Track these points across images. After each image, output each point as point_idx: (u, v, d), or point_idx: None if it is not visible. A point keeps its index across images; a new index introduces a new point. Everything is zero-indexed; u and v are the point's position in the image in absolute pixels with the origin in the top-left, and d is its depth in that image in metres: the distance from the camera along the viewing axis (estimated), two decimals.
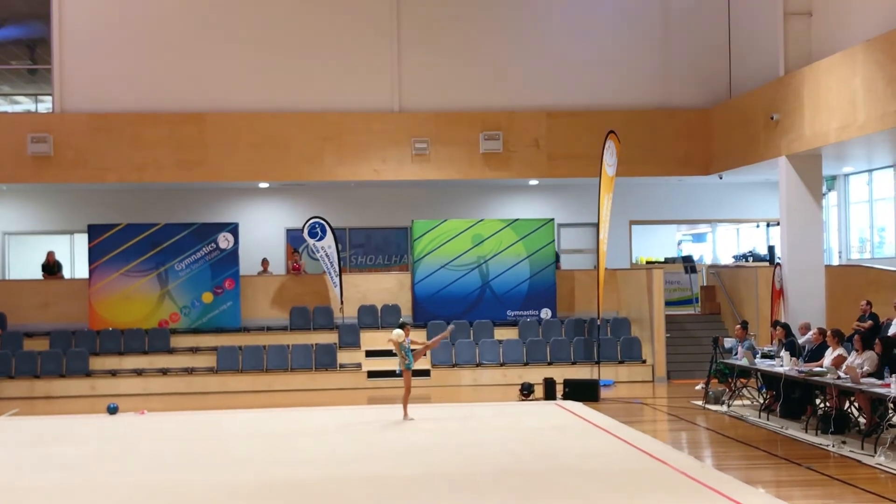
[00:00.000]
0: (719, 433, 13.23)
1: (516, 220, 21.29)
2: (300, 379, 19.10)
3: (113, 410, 15.52)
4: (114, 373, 19.04)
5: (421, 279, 20.74)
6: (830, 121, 16.62)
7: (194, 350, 19.68)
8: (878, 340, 12.47)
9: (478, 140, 21.10)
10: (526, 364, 19.46)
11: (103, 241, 20.05)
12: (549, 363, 19.40)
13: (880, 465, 10.65)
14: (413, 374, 14.59)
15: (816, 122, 17.07)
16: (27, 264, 22.30)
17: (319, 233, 20.33)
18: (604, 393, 17.09)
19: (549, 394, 16.71)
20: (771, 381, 14.33)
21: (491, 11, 21.85)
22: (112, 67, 21.09)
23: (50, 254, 21.45)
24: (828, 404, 12.97)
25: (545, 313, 20.69)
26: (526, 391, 16.81)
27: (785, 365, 13.65)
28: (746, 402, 15.43)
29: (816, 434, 12.46)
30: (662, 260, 24.42)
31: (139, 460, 11.70)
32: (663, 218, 24.51)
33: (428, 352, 18.81)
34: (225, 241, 20.33)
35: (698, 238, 28.41)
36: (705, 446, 12.80)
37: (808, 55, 18.19)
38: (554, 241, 21.26)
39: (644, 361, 19.57)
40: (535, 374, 18.32)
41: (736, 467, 10.78)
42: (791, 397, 13.62)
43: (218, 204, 22.98)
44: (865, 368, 12.17)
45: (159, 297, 20.16)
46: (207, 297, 20.24)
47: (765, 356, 15.12)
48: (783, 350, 14.22)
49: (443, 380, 19.31)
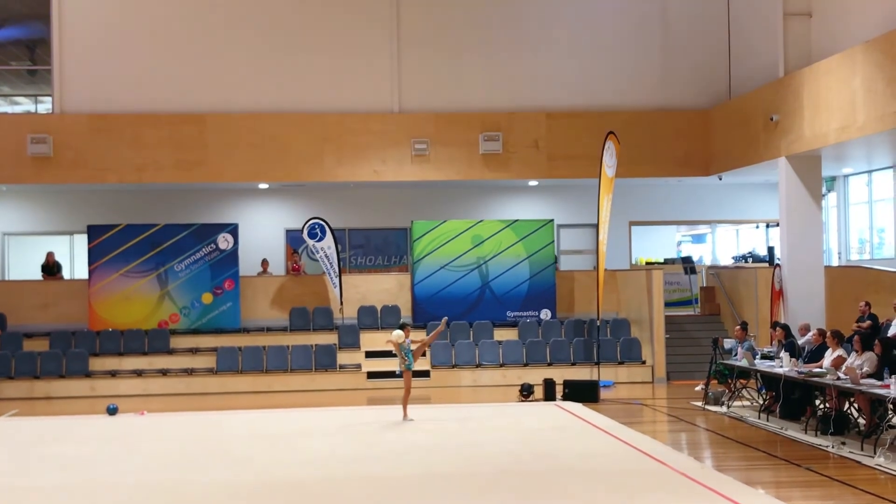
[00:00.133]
0: (719, 434, 13.23)
1: (516, 220, 21.29)
2: (300, 380, 19.11)
3: (113, 411, 15.51)
4: (113, 373, 19.05)
5: (420, 280, 20.75)
6: (830, 122, 16.63)
7: (194, 351, 19.69)
8: (877, 341, 12.47)
9: (477, 141, 21.11)
10: (525, 365, 19.46)
11: (103, 242, 20.05)
12: (549, 364, 19.40)
13: (880, 465, 10.65)
14: (413, 374, 14.58)
15: (816, 123, 17.07)
16: (27, 265, 22.30)
17: (319, 233, 20.34)
18: (603, 394, 17.09)
19: (549, 395, 16.72)
20: (770, 381, 14.33)
21: (491, 12, 21.87)
22: (112, 68, 21.11)
23: (50, 254, 21.45)
24: (827, 405, 12.96)
25: (545, 314, 20.69)
26: (526, 392, 16.80)
27: (784, 366, 13.65)
28: (746, 402, 15.43)
29: (816, 435, 12.46)
30: (662, 261, 24.42)
31: (139, 461, 11.69)
32: (663, 219, 24.51)
33: (428, 352, 18.91)
34: (225, 241, 20.34)
35: (698, 239, 28.42)
36: (705, 447, 12.80)
37: (808, 56, 18.20)
38: (554, 241, 21.26)
39: (644, 362, 19.57)
40: (535, 375, 18.32)
41: (735, 468, 10.78)
42: (791, 398, 13.62)
43: (218, 205, 22.99)
44: (865, 369, 12.17)
45: (159, 298, 20.16)
46: (207, 297, 20.24)
47: (764, 357, 15.11)
48: (783, 351, 14.22)
49: (442, 380, 19.32)
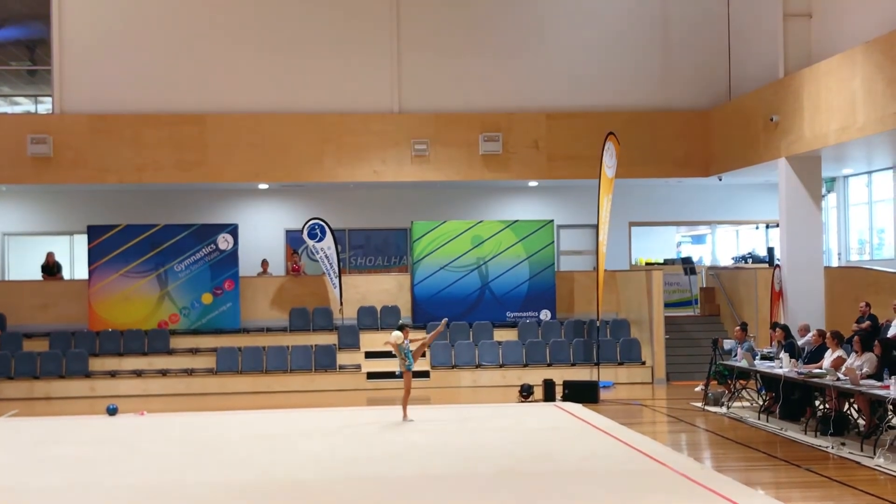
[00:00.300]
0: (718, 435, 13.23)
1: (516, 221, 21.29)
2: (299, 380, 19.10)
3: (112, 411, 15.51)
4: (113, 374, 19.05)
5: (420, 280, 20.74)
6: (830, 122, 16.63)
7: (194, 351, 19.68)
8: (877, 342, 12.47)
9: (477, 141, 21.11)
10: (525, 365, 19.46)
11: (103, 242, 20.05)
12: (549, 364, 19.40)
13: (879, 466, 10.65)
14: (413, 375, 14.57)
15: (816, 123, 17.08)
16: (27, 265, 22.30)
17: (319, 234, 20.34)
18: (603, 394, 17.08)
19: (549, 395, 16.71)
20: (770, 382, 14.32)
21: (491, 13, 21.87)
22: (112, 68, 21.11)
23: (49, 255, 21.45)
24: (827, 406, 12.96)
25: (544, 315, 20.69)
26: (525, 393, 16.80)
27: (784, 366, 13.65)
28: (746, 403, 15.43)
29: (816, 436, 12.46)
30: (662, 261, 24.42)
31: (138, 461, 11.69)
32: (663, 219, 24.51)
33: (428, 352, 18.92)
34: (224, 242, 20.34)
35: (698, 239, 28.40)
36: (704, 448, 12.81)
37: (808, 57, 18.21)
38: (553, 242, 21.26)
39: (643, 363, 19.58)
40: (535, 376, 18.32)
41: (735, 469, 10.78)
42: (790, 399, 13.62)
43: (217, 205, 22.99)
44: (865, 370, 12.17)
45: (159, 298, 20.16)
46: (207, 298, 20.24)
47: (764, 358, 15.11)
48: (782, 352, 14.22)
49: (442, 381, 19.32)
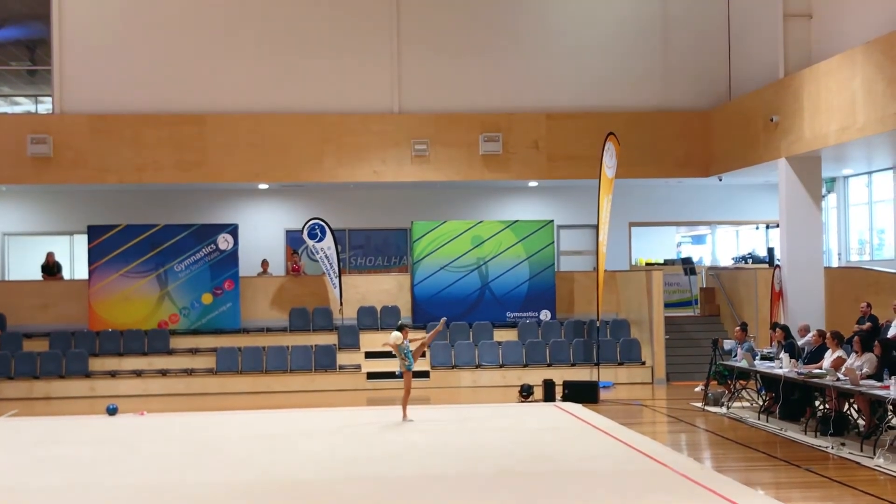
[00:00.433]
0: (718, 435, 13.23)
1: (516, 221, 21.29)
2: (299, 380, 19.10)
3: (112, 411, 15.51)
4: (113, 374, 19.04)
5: (420, 280, 20.74)
6: (830, 123, 16.63)
7: (194, 351, 19.68)
8: (877, 342, 12.47)
9: (477, 141, 21.11)
10: (525, 365, 19.46)
11: (103, 242, 20.05)
12: (549, 365, 19.40)
13: (879, 466, 10.65)
14: (413, 375, 14.56)
15: (816, 124, 17.08)
16: (27, 265, 22.29)
17: (319, 234, 20.34)
18: (603, 394, 17.08)
19: (549, 395, 16.71)
20: (770, 382, 14.32)
21: (491, 13, 21.86)
22: (112, 68, 21.11)
23: (49, 254, 21.44)
24: (827, 406, 12.96)
25: (544, 315, 20.69)
26: (525, 393, 16.80)
27: (784, 367, 13.65)
28: (746, 403, 15.43)
29: (816, 436, 12.46)
30: (662, 262, 24.42)
31: (138, 461, 11.69)
32: (663, 220, 24.51)
33: (427, 352, 18.92)
34: (224, 242, 20.34)
35: (698, 240, 28.41)
36: (704, 448, 12.80)
37: (808, 57, 18.21)
38: (553, 242, 21.26)
39: (643, 363, 19.57)
40: (535, 376, 18.32)
41: (735, 469, 10.78)
42: (790, 399, 13.62)
43: (217, 205, 22.98)
44: (865, 370, 12.17)
45: (159, 298, 20.16)
46: (207, 298, 20.24)
47: (764, 358, 15.11)
48: (782, 352, 14.22)
49: (442, 381, 19.31)
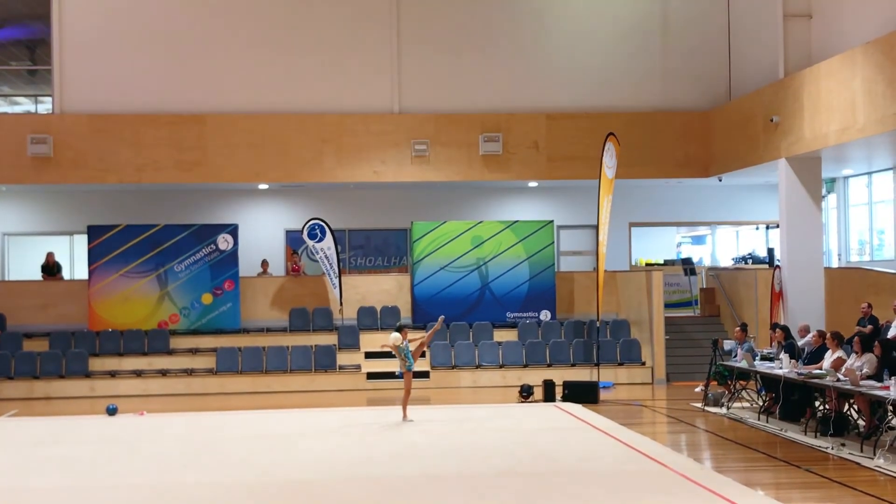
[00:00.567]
0: (718, 435, 13.23)
1: (516, 221, 21.29)
2: (299, 380, 19.10)
3: (112, 411, 15.51)
4: (113, 374, 19.04)
5: (420, 281, 20.74)
6: (830, 123, 16.63)
7: (194, 351, 19.68)
8: (877, 343, 12.47)
9: (477, 142, 21.11)
10: (525, 366, 19.46)
11: (103, 242, 20.05)
12: (549, 365, 19.40)
13: (879, 467, 10.65)
14: (413, 375, 14.54)
15: (816, 124, 17.07)
16: (27, 265, 22.29)
17: (319, 234, 20.33)
18: (603, 395, 17.08)
19: (549, 396, 16.71)
20: (770, 383, 14.32)
21: (491, 13, 21.86)
22: (112, 68, 21.11)
23: (49, 255, 21.44)
24: (827, 407, 12.95)
25: (544, 315, 20.69)
26: (525, 393, 16.79)
27: (784, 367, 13.65)
28: (745, 404, 15.42)
29: (816, 436, 12.46)
30: (662, 262, 24.42)
31: (138, 461, 11.69)
32: (663, 220, 24.50)
33: (427, 352, 18.92)
34: (224, 242, 20.34)
35: (698, 240, 28.42)
36: (704, 448, 12.80)
37: (808, 57, 18.21)
38: (553, 242, 21.26)
39: (643, 363, 19.57)
40: (535, 376, 18.32)
41: (735, 469, 10.78)
42: (790, 399, 13.62)
43: (217, 205, 22.98)
44: (865, 371, 12.17)
45: (159, 299, 20.16)
46: (207, 298, 20.24)
47: (764, 358, 15.10)
48: (782, 352, 14.21)
49: (442, 381, 19.31)
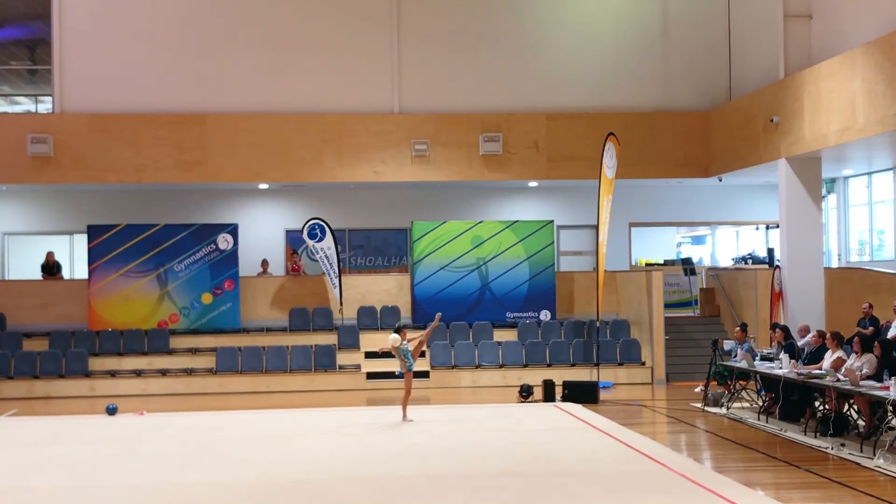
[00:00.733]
0: (718, 435, 13.23)
1: (516, 221, 21.29)
2: (299, 380, 19.10)
3: (112, 411, 15.50)
4: (113, 373, 19.04)
5: (420, 280, 20.74)
6: (830, 123, 16.63)
7: (193, 351, 19.68)
8: (877, 343, 12.48)
9: (477, 142, 21.11)
10: (525, 366, 19.46)
11: (103, 242, 20.05)
12: (549, 365, 19.40)
13: (879, 467, 10.65)
14: (413, 375, 14.53)
15: (816, 124, 17.08)
16: (27, 265, 22.29)
17: (319, 234, 20.34)
18: (603, 395, 17.08)
19: (549, 395, 16.71)
20: (770, 383, 14.32)
21: (491, 13, 21.86)
22: (112, 68, 21.11)
23: (49, 254, 21.44)
24: (827, 407, 12.96)
25: (544, 315, 20.69)
26: (525, 393, 16.80)
27: (784, 367, 13.65)
28: (745, 404, 15.42)
29: (815, 436, 12.46)
30: (662, 262, 24.42)
31: (138, 461, 11.69)
32: (663, 220, 24.51)
33: (427, 352, 18.93)
34: (224, 242, 20.33)
35: (698, 240, 28.43)
36: (704, 448, 12.81)
37: (808, 58, 18.21)
38: (553, 242, 21.26)
39: (643, 363, 19.57)
40: (535, 376, 18.32)
41: (735, 469, 10.78)
42: (790, 400, 13.62)
43: (217, 205, 22.97)
44: (864, 371, 12.17)
45: (159, 298, 20.16)
46: (207, 297, 20.24)
47: (764, 358, 15.11)
48: (782, 352, 14.22)
49: (442, 381, 19.31)
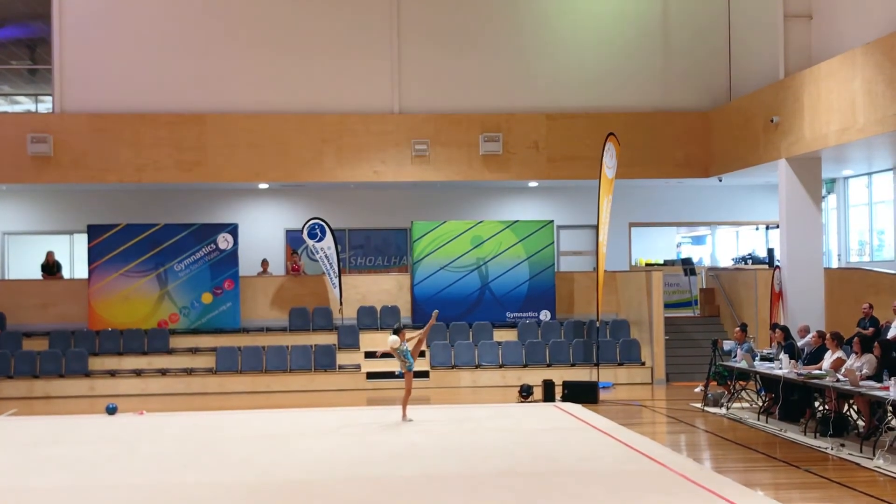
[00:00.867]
0: (718, 436, 13.23)
1: (516, 221, 21.29)
2: (299, 380, 19.10)
3: (112, 411, 15.51)
4: (113, 373, 19.04)
5: (420, 280, 20.74)
6: (830, 123, 16.63)
7: (193, 351, 19.68)
8: (876, 343, 12.48)
9: (477, 142, 21.11)
10: (525, 366, 19.46)
11: (103, 242, 20.05)
12: (548, 365, 19.40)
13: (879, 467, 10.65)
14: (413, 375, 14.52)
15: (816, 124, 17.08)
16: (27, 264, 22.30)
17: (319, 234, 20.34)
18: (603, 395, 17.08)
19: (548, 395, 16.71)
20: (770, 383, 14.33)
21: (491, 13, 21.85)
22: (112, 67, 21.11)
23: (49, 254, 21.44)
24: (827, 407, 12.96)
25: (544, 315, 20.69)
26: (525, 393, 16.80)
27: (784, 367, 13.65)
28: (745, 404, 15.42)
29: (815, 437, 12.46)
30: (662, 262, 24.43)
31: (138, 461, 11.69)
32: (663, 220, 24.51)
33: (427, 352, 18.93)
34: (224, 241, 20.33)
35: (697, 240, 28.44)
36: (704, 449, 12.81)
37: (808, 58, 18.21)
38: (553, 242, 21.26)
39: (643, 363, 19.57)
40: (534, 376, 18.32)
41: (735, 470, 10.78)
42: (790, 400, 13.62)
43: (217, 205, 22.97)
44: (864, 371, 12.18)
45: (159, 298, 20.16)
46: (207, 297, 20.24)
47: (764, 359, 15.11)
48: (782, 353, 14.22)
49: (442, 381, 19.31)
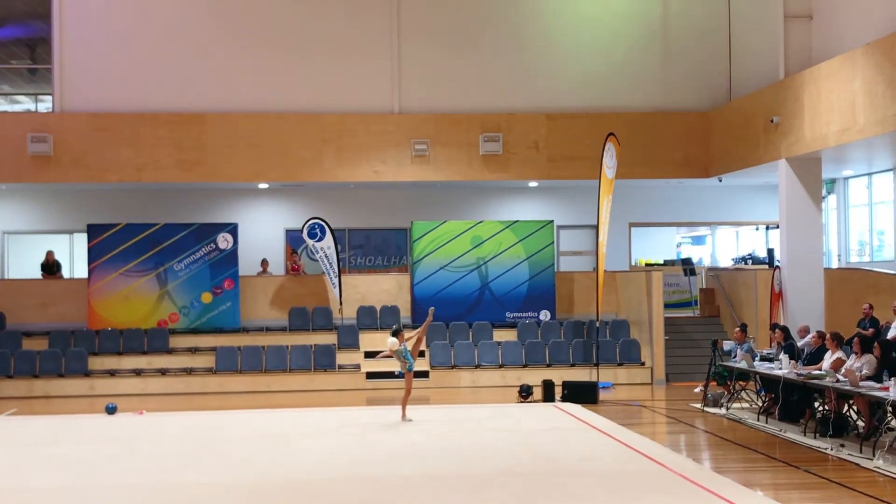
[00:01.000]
0: (718, 436, 13.23)
1: (516, 221, 21.29)
2: (299, 380, 19.10)
3: (111, 410, 15.50)
4: (112, 373, 19.04)
5: (420, 280, 20.74)
6: (830, 124, 16.63)
7: (193, 350, 19.68)
8: (876, 344, 12.48)
9: (477, 141, 21.11)
10: (525, 366, 19.46)
11: (103, 241, 20.05)
12: (548, 365, 19.40)
13: (879, 468, 10.65)
14: (413, 375, 14.52)
15: (816, 125, 17.07)
16: (27, 264, 22.29)
17: (319, 233, 20.34)
18: (602, 395, 17.08)
19: (548, 396, 16.71)
20: (770, 383, 14.33)
21: (491, 13, 21.85)
22: (112, 67, 21.10)
23: (49, 253, 21.44)
24: (826, 407, 12.96)
25: (544, 315, 20.69)
26: (525, 393, 16.80)
27: (784, 368, 13.65)
28: (745, 404, 15.42)
29: (815, 437, 12.46)
30: (662, 262, 24.43)
31: (138, 461, 11.69)
32: (663, 220, 24.50)
33: (427, 352, 18.94)
34: (224, 241, 20.33)
35: (697, 240, 28.44)
36: (704, 449, 12.81)
37: (808, 58, 18.21)
38: (553, 242, 21.26)
39: (643, 364, 19.57)
40: (534, 376, 18.32)
41: (734, 470, 10.78)
42: (790, 400, 13.62)
43: (217, 204, 22.97)
44: (864, 371, 12.18)
45: (158, 298, 20.16)
46: (206, 297, 20.23)
47: (764, 359, 15.10)
48: (782, 353, 14.22)
49: (441, 381, 19.31)
